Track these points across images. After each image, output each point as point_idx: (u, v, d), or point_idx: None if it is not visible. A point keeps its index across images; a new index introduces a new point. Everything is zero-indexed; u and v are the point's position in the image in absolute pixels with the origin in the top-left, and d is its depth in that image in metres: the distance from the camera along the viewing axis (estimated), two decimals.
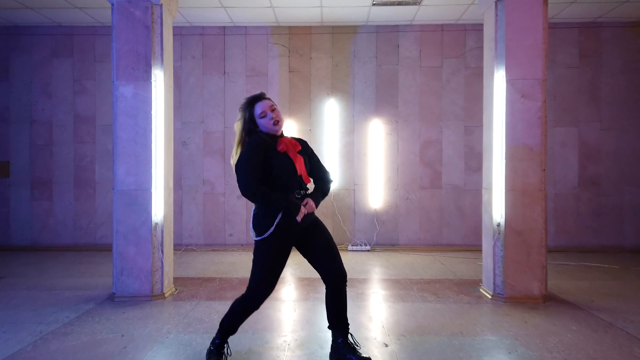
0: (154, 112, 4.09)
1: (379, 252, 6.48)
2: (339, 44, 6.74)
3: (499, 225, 4.11)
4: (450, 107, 6.71)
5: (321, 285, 3.42)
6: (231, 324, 2.73)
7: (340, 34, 6.73)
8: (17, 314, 3.71)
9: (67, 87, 6.77)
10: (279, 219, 2.55)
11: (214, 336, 2.82)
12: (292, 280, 4.84)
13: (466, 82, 6.69)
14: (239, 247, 6.62)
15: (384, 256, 6.18)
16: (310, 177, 2.74)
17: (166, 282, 4.21)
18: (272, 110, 2.63)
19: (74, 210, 6.77)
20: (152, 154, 4.07)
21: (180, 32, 6.73)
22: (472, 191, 6.67)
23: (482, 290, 4.36)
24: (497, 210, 4.14)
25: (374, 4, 5.89)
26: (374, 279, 4.97)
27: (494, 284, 4.13)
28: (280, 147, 2.62)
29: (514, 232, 4.05)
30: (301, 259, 2.87)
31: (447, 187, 6.71)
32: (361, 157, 6.73)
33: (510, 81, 4.03)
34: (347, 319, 2.74)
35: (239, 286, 4.56)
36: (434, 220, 6.72)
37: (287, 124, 6.57)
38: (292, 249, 2.70)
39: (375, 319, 3.61)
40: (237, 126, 2.69)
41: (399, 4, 5.89)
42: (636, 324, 3.47)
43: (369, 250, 6.52)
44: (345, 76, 6.73)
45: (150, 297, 4.05)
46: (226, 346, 2.79)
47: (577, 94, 6.64)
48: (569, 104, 6.61)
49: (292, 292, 4.40)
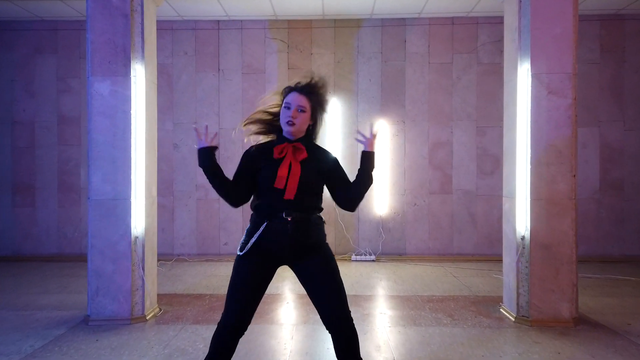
0: (133, 112, 3.63)
1: (385, 262, 6.01)
2: (341, 38, 6.27)
3: (523, 238, 3.64)
4: (461, 106, 6.23)
5: None
6: None
7: (342, 28, 6.27)
8: None
9: (51, 85, 6.32)
10: (259, 232, 2.17)
11: None
12: (291, 297, 4.37)
13: (478, 79, 6.21)
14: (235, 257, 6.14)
15: (391, 267, 5.70)
16: (335, 200, 2.26)
17: (148, 303, 3.74)
18: (298, 109, 2.17)
19: (58, 217, 6.31)
20: (131, 159, 3.61)
21: (171, 27, 6.28)
22: (485, 196, 6.19)
23: (503, 310, 3.89)
24: (520, 221, 3.66)
25: None
26: (381, 295, 4.50)
27: (517, 304, 3.65)
28: (276, 154, 2.16)
29: (541, 246, 3.57)
30: None
31: (458, 192, 6.24)
32: None
33: (536, 75, 3.56)
34: (359, 356, 2.25)
35: None
36: (443, 227, 6.24)
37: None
38: (274, 273, 2.26)
39: (384, 348, 3.14)
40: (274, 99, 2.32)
41: None
42: None
43: (373, 260, 6.05)
44: (348, 73, 6.27)
45: (129, 320, 3.59)
46: None
47: (598, 91, 6.16)
48: (589, 103, 6.13)
49: (290, 313, 3.93)
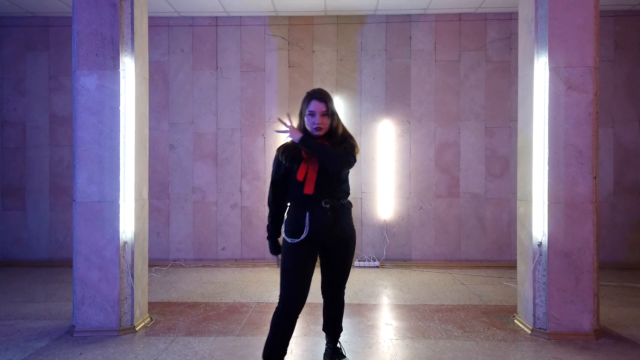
0: (122, 108, 3.39)
1: (390, 268, 5.75)
2: (344, 35, 6.04)
3: (540, 244, 3.38)
4: (469, 105, 5.98)
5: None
6: (272, 346, 2.39)
7: (345, 24, 6.03)
8: None
9: (42, 84, 6.10)
10: (307, 221, 2.44)
11: None
12: None
13: (487, 77, 5.97)
14: (233, 262, 5.86)
15: (395, 274, 5.45)
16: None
17: (137, 313, 3.49)
18: (322, 114, 2.48)
19: (50, 221, 6.07)
20: (120, 159, 3.37)
21: (167, 23, 6.06)
22: (495, 200, 5.93)
23: (517, 322, 3.62)
24: (537, 226, 3.41)
25: None
26: (386, 304, 4.24)
27: (534, 315, 3.39)
28: (304, 152, 2.48)
29: (560, 253, 3.32)
30: None
31: (466, 195, 5.98)
32: (369, 162, 6.01)
33: (554, 69, 3.31)
34: (340, 326, 2.74)
35: (226, 315, 3.84)
36: (451, 232, 5.98)
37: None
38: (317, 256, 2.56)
39: None
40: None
41: None
42: None
43: (377, 266, 5.79)
44: (351, 71, 6.03)
45: (117, 331, 3.34)
46: None
47: (612, 90, 5.91)
48: (603, 102, 5.85)
49: None
